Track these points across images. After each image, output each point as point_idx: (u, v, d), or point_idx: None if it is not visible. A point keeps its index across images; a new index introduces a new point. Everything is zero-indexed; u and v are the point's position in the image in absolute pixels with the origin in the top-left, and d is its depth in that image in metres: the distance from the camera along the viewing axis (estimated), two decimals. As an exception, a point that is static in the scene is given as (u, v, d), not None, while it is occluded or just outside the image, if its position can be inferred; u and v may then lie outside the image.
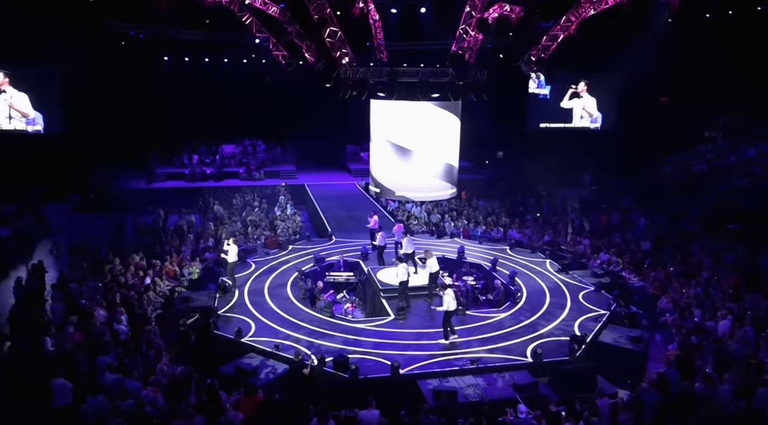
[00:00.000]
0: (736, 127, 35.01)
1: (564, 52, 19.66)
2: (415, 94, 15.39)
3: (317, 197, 29.36)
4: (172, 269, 18.47)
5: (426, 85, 15.22)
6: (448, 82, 15.42)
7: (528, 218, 25.57)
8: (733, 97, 32.86)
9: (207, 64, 36.99)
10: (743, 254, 19.92)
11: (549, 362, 12.84)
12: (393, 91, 15.31)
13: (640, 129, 35.81)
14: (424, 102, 15.72)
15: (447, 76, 15.45)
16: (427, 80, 15.30)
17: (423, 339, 14.01)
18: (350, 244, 21.47)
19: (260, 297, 16.49)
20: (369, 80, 15.78)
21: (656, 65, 32.23)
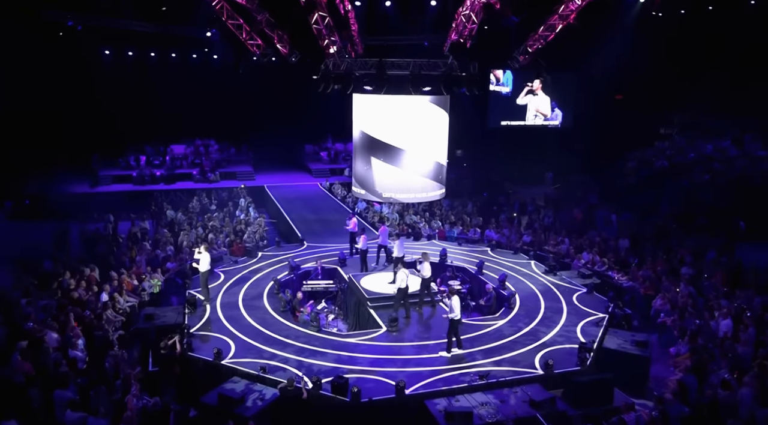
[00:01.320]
0: (690, 124, 35.72)
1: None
2: (406, 87, 14.27)
3: (280, 199, 27.82)
4: (131, 282, 16.65)
5: (418, 78, 14.11)
6: (441, 75, 14.36)
7: (503, 218, 24.90)
8: (686, 95, 33.49)
9: (152, 58, 34.66)
10: (725, 250, 19.88)
11: (560, 373, 12.00)
12: (382, 85, 14.13)
13: (596, 127, 35.99)
14: (414, 96, 14.61)
15: (439, 68, 14.40)
16: (419, 73, 14.19)
17: (423, 352, 12.93)
18: (324, 249, 20.16)
19: (235, 311, 14.98)
20: (355, 73, 14.52)
21: (611, 63, 32.43)
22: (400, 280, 14.41)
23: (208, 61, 35.51)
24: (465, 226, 23.32)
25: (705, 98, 32.43)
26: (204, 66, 35.53)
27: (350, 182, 32.10)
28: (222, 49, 33.97)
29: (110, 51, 33.02)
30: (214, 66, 35.80)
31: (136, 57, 33.96)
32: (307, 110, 36.21)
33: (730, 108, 32.06)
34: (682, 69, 32.93)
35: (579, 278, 17.78)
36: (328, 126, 38.23)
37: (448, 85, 14.29)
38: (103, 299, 15.25)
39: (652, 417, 10.35)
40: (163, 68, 34.85)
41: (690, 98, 33.74)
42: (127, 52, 33.61)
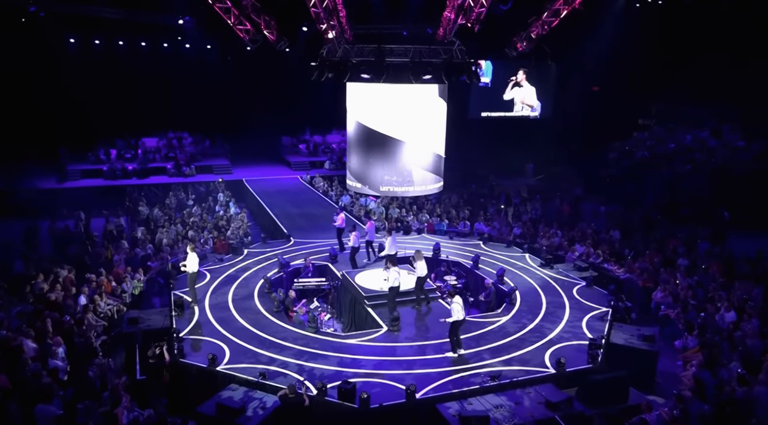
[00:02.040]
0: (668, 114, 35.93)
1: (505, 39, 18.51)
2: (406, 76, 13.60)
3: (260, 193, 26.91)
4: (110, 284, 15.67)
5: (418, 66, 13.46)
6: (442, 63, 13.73)
7: (491, 211, 24.50)
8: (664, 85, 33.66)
9: (121, 47, 33.19)
10: (718, 240, 19.87)
11: (572, 371, 11.60)
12: (381, 73, 13.42)
13: (575, 118, 35.93)
14: (413, 85, 13.97)
15: (440, 56, 13.76)
16: (419, 60, 13.54)
17: (428, 352, 12.38)
18: (312, 245, 19.45)
19: (226, 313, 14.19)
20: (351, 60, 13.78)
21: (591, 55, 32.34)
22: (392, 279, 13.82)
23: (180, 50, 34.25)
24: (454, 219, 22.85)
25: (683, 88, 32.63)
26: (176, 55, 34.26)
27: (331, 174, 31.64)
28: (196, 37, 32.90)
29: (76, 39, 31.49)
30: (186, 55, 34.60)
31: (104, 46, 32.47)
32: (285, 101, 35.29)
33: (708, 98, 32.28)
34: (661, 59, 33.02)
35: (576, 271, 17.45)
36: (307, 118, 37.39)
37: (449, 73, 13.70)
38: (81, 302, 14.29)
39: (673, 416, 10.02)
40: (132, 58, 33.47)
41: (668, 88, 33.94)
42: (93, 40, 32.12)
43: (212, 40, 34.05)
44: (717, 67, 30.14)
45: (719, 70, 30.15)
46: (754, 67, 28.33)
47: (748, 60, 28.91)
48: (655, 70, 33.83)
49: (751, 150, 28.44)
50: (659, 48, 32.39)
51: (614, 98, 35.07)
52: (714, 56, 30.17)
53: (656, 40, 31.84)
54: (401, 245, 17.56)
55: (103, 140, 33.06)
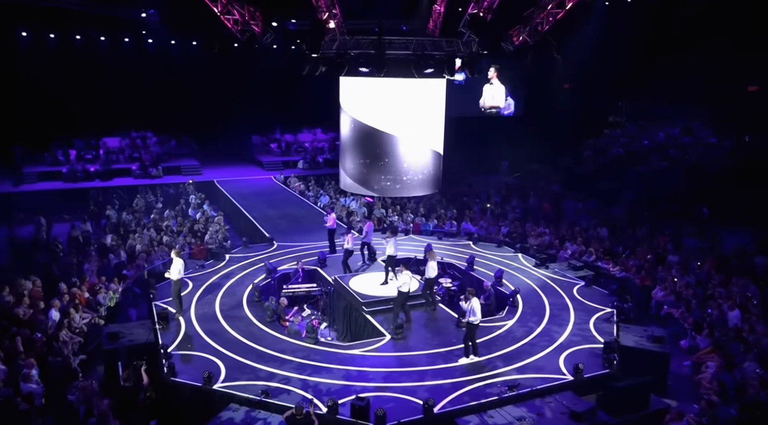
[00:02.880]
0: (638, 112, 36.33)
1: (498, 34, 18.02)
2: (407, 69, 12.88)
3: (234, 194, 25.75)
4: (83, 295, 14.44)
5: (421, 59, 12.75)
6: (445, 55, 13.06)
7: (476, 209, 24.03)
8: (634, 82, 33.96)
9: (78, 41, 31.33)
10: (711, 236, 19.90)
11: (590, 377, 11.13)
12: (381, 66, 12.65)
13: (546, 115, 35.92)
14: (411, 80, 13.26)
15: (442, 48, 13.08)
16: (422, 53, 12.83)
17: (438, 361, 11.70)
18: (297, 248, 18.54)
19: (215, 324, 13.20)
20: (349, 53, 12.96)
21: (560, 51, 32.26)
22: (402, 282, 13.10)
23: (143, 45, 32.61)
24: (440, 219, 22.29)
25: (651, 86, 32.98)
26: (138, 50, 32.59)
27: (306, 174, 30.69)
28: (160, 31, 31.40)
29: (28, 32, 29.50)
30: (149, 50, 32.99)
31: (59, 40, 30.58)
32: (254, 100, 34.09)
33: (677, 96, 32.68)
34: (631, 57, 33.23)
35: (571, 270, 17.09)
36: (276, 116, 36.24)
37: (452, 66, 13.04)
38: (53, 317, 13.06)
39: (701, 423, 9.64)
40: (90, 52, 31.60)
41: (637, 86, 34.27)
42: (48, 34, 30.18)
43: (177, 34, 32.58)
44: (686, 65, 30.42)
45: (689, 67, 30.43)
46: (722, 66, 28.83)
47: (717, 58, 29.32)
48: (625, 68, 34.02)
49: (723, 147, 28.87)
50: (629, 46, 32.56)
51: (585, 96, 35.16)
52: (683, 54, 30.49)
53: (627, 38, 31.98)
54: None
55: (61, 140, 31.21)
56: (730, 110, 31.02)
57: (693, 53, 29.99)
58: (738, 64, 28.87)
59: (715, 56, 29.10)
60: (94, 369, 12.56)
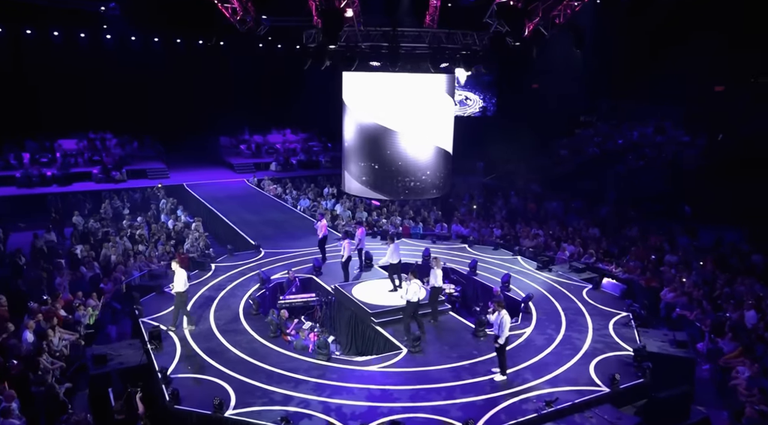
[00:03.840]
0: (609, 111, 36.62)
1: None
2: (422, 64, 12.03)
3: (208, 199, 24.33)
4: (60, 314, 13.00)
5: (438, 53, 11.92)
6: (461, 49, 12.26)
7: (462, 211, 23.42)
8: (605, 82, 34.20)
9: (29, 36, 29.18)
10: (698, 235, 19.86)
11: (626, 388, 10.57)
12: (395, 61, 11.75)
13: (518, 115, 35.77)
14: (424, 75, 12.43)
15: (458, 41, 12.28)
16: (438, 46, 12.01)
17: (464, 375, 10.92)
18: (287, 256, 17.46)
19: (213, 341, 12.04)
20: (360, 46, 12.01)
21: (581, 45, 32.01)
22: (412, 292, 12.27)
23: (100, 41, 30.68)
24: (426, 221, 21.58)
25: (624, 86, 33.25)
26: (95, 46, 30.62)
27: (280, 177, 29.43)
28: (120, 26, 29.67)
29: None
30: (107, 47, 31.08)
31: (7, 34, 28.39)
32: (220, 99, 32.56)
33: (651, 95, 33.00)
34: (605, 56, 33.38)
35: (574, 272, 16.66)
36: (244, 116, 34.83)
37: (469, 60, 12.25)
38: (27, 340, 11.64)
39: (754, 433, 9.19)
40: (42, 48, 29.47)
41: (609, 85, 34.51)
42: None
43: (139, 30, 30.83)
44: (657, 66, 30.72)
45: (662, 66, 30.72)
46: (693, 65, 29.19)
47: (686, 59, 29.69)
48: (596, 68, 34.14)
49: (696, 145, 29.25)
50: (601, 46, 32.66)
51: (555, 95, 35.12)
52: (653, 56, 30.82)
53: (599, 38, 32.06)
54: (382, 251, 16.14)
55: (10, 142, 28.99)
56: (699, 110, 31.58)
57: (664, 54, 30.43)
58: (706, 65, 29.30)
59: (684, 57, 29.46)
60: (76, 395, 11.23)
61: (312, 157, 32.39)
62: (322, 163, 32.12)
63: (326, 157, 32.56)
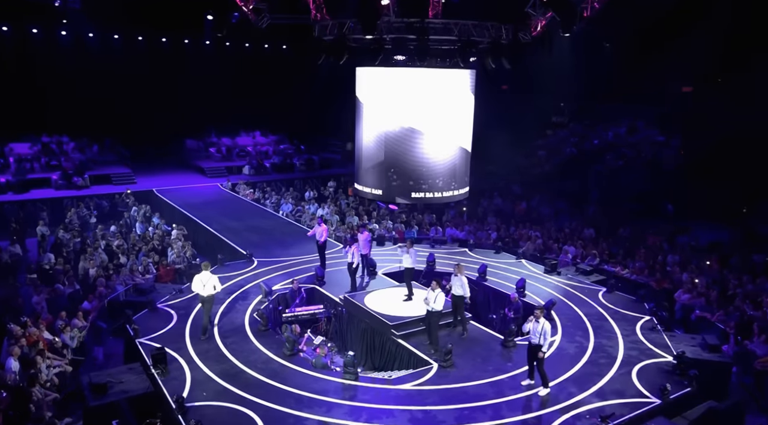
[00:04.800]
0: (580, 111, 36.80)
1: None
2: (451, 58, 11.23)
3: (183, 205, 22.82)
4: (45, 338, 11.57)
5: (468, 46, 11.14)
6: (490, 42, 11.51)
7: (452, 213, 22.79)
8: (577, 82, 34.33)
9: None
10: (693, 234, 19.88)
11: (676, 398, 10.08)
12: (423, 54, 10.89)
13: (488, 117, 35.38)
14: (447, 70, 11.66)
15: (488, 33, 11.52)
16: (467, 39, 11.24)
17: (506, 391, 10.19)
18: (282, 265, 16.40)
19: (226, 363, 10.91)
20: (385, 38, 11.08)
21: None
22: (438, 301, 11.50)
23: (56, 37, 28.63)
24: (421, 225, 20.86)
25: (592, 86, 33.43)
26: (49, 42, 28.56)
27: (255, 180, 28.08)
28: (78, 21, 27.76)
29: None
30: (62, 43, 29.05)
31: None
32: (184, 99, 30.85)
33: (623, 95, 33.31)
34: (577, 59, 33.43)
35: (582, 275, 16.26)
36: (209, 118, 33.19)
37: (498, 53, 11.50)
38: (12, 368, 10.23)
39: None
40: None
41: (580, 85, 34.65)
42: None
43: (96, 25, 28.93)
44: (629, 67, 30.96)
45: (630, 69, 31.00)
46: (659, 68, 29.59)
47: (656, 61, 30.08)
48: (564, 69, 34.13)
49: (671, 145, 29.65)
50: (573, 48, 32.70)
51: (524, 97, 35.00)
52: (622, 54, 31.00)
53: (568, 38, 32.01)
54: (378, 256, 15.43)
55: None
56: (669, 110, 32.06)
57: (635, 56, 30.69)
58: (674, 66, 29.75)
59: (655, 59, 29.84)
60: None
61: (286, 160, 31.17)
62: (297, 166, 30.95)
63: (300, 160, 31.40)
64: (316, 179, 29.09)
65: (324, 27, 11.72)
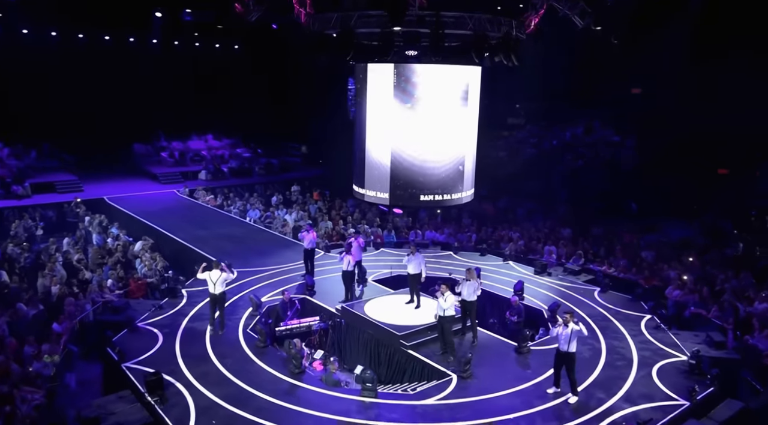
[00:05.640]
0: (535, 112, 37.31)
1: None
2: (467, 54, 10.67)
3: (141, 214, 21.24)
4: (12, 368, 10.19)
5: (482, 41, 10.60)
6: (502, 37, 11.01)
7: (423, 215, 22.33)
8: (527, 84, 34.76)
9: None
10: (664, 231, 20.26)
11: (702, 398, 9.93)
12: (437, 49, 10.26)
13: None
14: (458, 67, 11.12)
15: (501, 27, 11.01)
16: (482, 33, 10.70)
17: (535, 402, 9.74)
18: (263, 275, 15.45)
19: (230, 387, 9.92)
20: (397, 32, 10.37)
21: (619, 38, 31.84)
22: (448, 303, 11.01)
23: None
24: (400, 229, 20.29)
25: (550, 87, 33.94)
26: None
27: (214, 186, 26.64)
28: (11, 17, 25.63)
29: None
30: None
31: None
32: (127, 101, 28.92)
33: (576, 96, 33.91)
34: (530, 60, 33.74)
35: (571, 275, 16.19)
36: (155, 120, 31.29)
37: (509, 50, 11.03)
38: (-19, 406, 8.88)
39: None
40: None
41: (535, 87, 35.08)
42: None
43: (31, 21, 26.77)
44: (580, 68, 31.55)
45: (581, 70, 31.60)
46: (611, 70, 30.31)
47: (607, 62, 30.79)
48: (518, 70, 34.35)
49: (626, 145, 30.42)
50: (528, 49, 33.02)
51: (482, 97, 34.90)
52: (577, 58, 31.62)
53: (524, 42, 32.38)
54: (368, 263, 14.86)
55: None
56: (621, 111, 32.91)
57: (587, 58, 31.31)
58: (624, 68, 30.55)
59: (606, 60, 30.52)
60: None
61: (244, 164, 29.87)
62: (256, 170, 29.72)
63: (259, 164, 30.18)
64: (278, 183, 27.95)
65: (326, 21, 10.92)
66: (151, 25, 30.01)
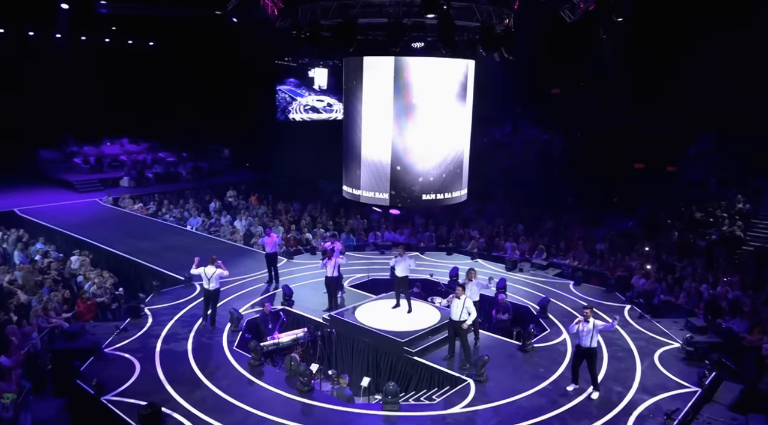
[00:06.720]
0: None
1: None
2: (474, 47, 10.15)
3: (63, 226, 19.01)
4: (-33, 412, 8.51)
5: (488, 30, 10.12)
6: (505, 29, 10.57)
7: (374, 217, 21.77)
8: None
9: None
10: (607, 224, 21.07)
11: (710, 383, 10.17)
12: (449, 41, 9.62)
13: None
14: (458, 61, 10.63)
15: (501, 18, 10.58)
16: (489, 24, 10.22)
17: (560, 401, 9.50)
18: (228, 286, 14.17)
19: (236, 414, 8.86)
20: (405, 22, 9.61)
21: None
22: (469, 307, 10.61)
23: None
24: (357, 231, 19.65)
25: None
26: None
27: (140, 193, 24.49)
28: None
29: None
30: None
31: None
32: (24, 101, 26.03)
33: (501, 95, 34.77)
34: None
35: (540, 270, 16.37)
36: (62, 122, 28.36)
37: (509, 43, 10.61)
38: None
39: None
40: None
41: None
42: None
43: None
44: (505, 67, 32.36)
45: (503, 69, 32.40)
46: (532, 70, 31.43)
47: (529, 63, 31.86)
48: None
49: (555, 142, 31.57)
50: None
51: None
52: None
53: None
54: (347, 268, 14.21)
55: None
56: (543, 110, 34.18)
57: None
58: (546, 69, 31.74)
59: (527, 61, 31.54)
60: None
61: (170, 169, 27.80)
62: (183, 175, 27.77)
63: (186, 168, 28.23)
64: (209, 188, 26.24)
65: (326, 10, 10.04)
66: (56, 18, 27.14)
